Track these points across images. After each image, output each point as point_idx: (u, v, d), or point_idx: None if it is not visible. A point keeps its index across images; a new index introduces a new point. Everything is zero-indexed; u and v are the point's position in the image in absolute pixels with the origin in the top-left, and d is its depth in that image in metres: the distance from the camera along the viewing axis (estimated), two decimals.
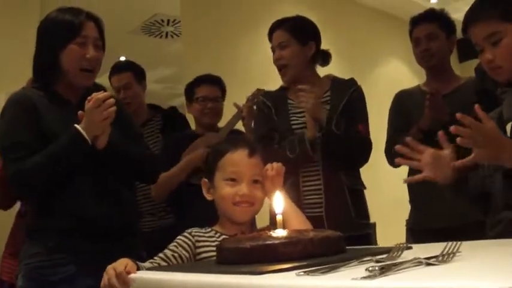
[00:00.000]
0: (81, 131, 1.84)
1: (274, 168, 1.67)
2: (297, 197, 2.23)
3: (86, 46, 1.96)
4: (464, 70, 5.04)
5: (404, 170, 2.73)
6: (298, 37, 2.58)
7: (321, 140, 2.40)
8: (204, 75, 3.17)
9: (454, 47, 2.75)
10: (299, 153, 2.39)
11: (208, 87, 3.09)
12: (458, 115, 1.46)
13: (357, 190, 2.52)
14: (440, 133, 1.59)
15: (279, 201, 1.36)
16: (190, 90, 3.14)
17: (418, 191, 2.65)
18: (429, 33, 2.67)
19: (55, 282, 1.82)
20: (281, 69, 2.59)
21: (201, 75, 3.18)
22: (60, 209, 1.87)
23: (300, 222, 1.63)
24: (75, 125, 1.84)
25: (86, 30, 1.96)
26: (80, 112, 1.85)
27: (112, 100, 1.86)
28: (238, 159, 1.63)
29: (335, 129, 2.39)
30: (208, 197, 1.68)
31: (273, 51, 2.64)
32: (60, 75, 1.96)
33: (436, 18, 2.70)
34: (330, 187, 2.42)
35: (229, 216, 1.62)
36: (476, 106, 1.49)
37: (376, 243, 2.83)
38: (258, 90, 2.90)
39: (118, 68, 3.20)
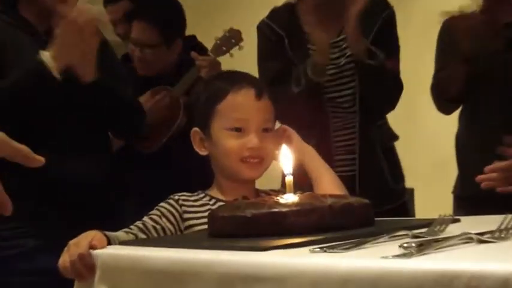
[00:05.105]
0: (45, 59, 1.31)
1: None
2: (327, 152, 1.54)
3: None
4: None
5: (453, 118, 2.02)
6: None
7: (358, 83, 1.68)
8: None
9: None
10: (304, 86, 1.65)
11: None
12: None
13: (390, 147, 1.83)
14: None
15: (287, 158, 1.02)
16: None
17: (469, 153, 1.90)
18: None
19: (11, 257, 1.34)
20: None
21: None
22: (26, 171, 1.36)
23: (331, 184, 1.19)
24: (41, 52, 1.33)
25: None
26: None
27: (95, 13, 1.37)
28: (243, 102, 1.16)
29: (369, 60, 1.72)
30: (202, 152, 1.22)
31: None
32: None
33: None
34: (365, 142, 1.71)
35: (234, 174, 1.20)
36: None
37: (413, 214, 2.28)
38: (232, 29, 2.01)
39: None
